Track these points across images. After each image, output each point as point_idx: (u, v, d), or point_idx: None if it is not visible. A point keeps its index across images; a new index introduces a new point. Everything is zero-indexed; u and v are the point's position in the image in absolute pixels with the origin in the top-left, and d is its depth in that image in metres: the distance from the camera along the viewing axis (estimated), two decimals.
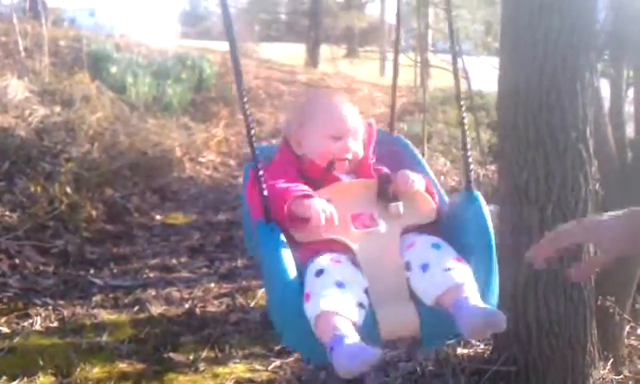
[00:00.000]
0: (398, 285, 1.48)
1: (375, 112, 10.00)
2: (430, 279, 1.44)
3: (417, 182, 1.65)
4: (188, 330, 3.10)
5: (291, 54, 21.26)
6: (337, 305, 1.37)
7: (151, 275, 3.79)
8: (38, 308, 3.19)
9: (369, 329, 1.41)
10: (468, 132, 1.76)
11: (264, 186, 1.50)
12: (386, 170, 1.74)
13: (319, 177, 1.69)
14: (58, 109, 6.30)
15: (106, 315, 3.20)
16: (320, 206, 1.49)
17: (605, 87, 3.28)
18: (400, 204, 1.60)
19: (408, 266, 1.50)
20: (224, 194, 6.01)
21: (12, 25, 8.13)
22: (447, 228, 1.66)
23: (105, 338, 2.95)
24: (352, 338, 1.33)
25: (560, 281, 2.46)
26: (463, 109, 1.69)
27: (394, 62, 2.16)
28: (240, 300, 3.47)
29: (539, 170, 2.41)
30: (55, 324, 3.08)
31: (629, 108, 3.44)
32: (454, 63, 1.73)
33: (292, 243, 1.52)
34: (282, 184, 1.59)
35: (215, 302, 3.44)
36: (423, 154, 7.40)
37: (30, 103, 6.10)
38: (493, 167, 4.58)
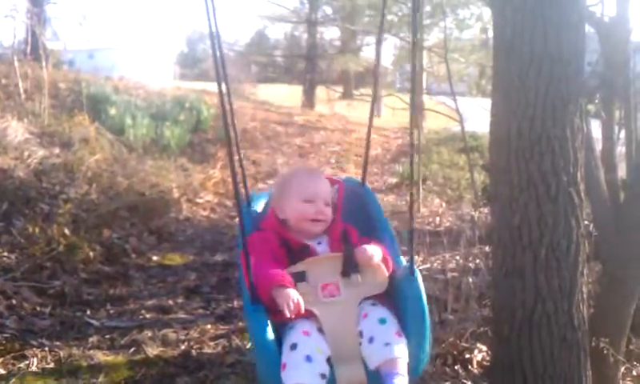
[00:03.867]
0: (353, 347, 1.92)
1: (370, 153, 10.09)
2: (374, 350, 1.88)
3: (375, 256, 2.05)
4: (184, 371, 3.10)
5: (288, 95, 21.50)
6: (305, 377, 1.80)
7: (148, 316, 3.79)
8: (34, 349, 3.18)
9: None
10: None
11: (251, 263, 1.91)
12: (353, 231, 2.20)
13: (298, 249, 2.11)
14: (57, 150, 6.37)
15: (102, 356, 3.19)
16: (289, 300, 1.85)
17: (597, 128, 3.33)
18: (359, 276, 2.02)
19: (361, 335, 1.93)
20: (220, 234, 6.03)
21: (13, 67, 8.27)
22: (394, 299, 2.06)
23: (101, 379, 2.94)
24: None
25: (554, 323, 2.49)
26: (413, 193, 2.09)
27: (370, 121, 2.57)
28: (236, 341, 3.47)
29: (531, 214, 2.46)
30: (51, 365, 3.07)
31: (621, 149, 3.49)
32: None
33: (275, 310, 1.89)
34: (267, 269, 1.96)
35: (211, 344, 3.45)
36: (418, 193, 7.46)
37: (30, 145, 6.18)
38: (486, 210, 4.63)
